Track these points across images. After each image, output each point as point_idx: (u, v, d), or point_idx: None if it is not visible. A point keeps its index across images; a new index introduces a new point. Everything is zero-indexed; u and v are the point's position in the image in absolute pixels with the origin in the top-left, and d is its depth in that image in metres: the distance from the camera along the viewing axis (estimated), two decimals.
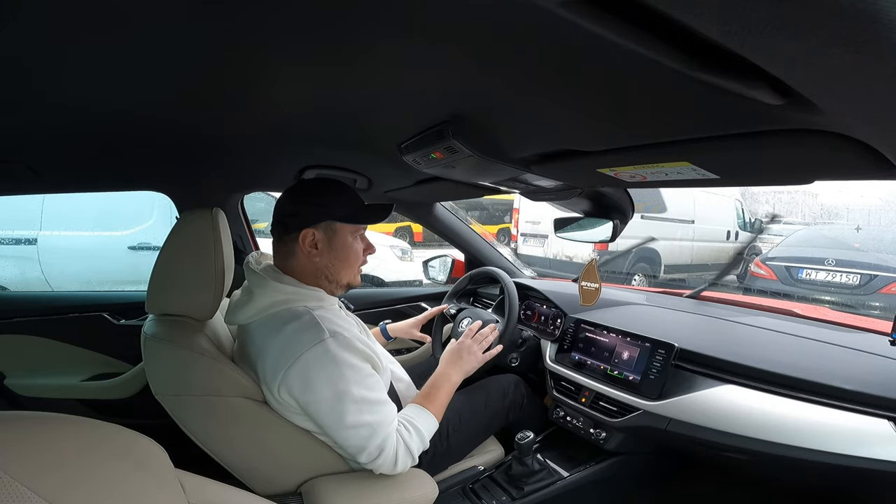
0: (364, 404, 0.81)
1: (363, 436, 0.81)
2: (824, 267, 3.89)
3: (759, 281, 4.18)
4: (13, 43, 0.48)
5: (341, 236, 0.92)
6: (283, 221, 0.91)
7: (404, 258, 4.42)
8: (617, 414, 1.10)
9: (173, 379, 0.84)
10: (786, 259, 4.12)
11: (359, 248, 0.96)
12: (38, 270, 3.19)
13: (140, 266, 3.18)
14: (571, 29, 0.30)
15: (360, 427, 0.80)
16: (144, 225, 3.32)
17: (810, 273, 3.96)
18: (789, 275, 4.05)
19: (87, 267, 3.20)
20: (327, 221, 0.90)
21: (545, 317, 1.45)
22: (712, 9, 0.24)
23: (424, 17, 0.39)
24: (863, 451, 0.77)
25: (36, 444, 0.42)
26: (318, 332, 0.81)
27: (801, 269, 3.99)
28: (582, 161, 0.73)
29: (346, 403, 0.80)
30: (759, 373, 0.92)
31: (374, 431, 0.81)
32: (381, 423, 0.82)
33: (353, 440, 0.81)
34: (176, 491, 0.53)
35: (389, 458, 0.83)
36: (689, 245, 5.84)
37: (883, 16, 0.22)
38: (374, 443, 0.81)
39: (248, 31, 0.44)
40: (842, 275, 3.80)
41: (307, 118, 0.79)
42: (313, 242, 0.89)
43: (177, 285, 0.88)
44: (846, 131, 0.43)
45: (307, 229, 0.89)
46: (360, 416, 0.80)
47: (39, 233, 3.20)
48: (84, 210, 3.23)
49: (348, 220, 0.91)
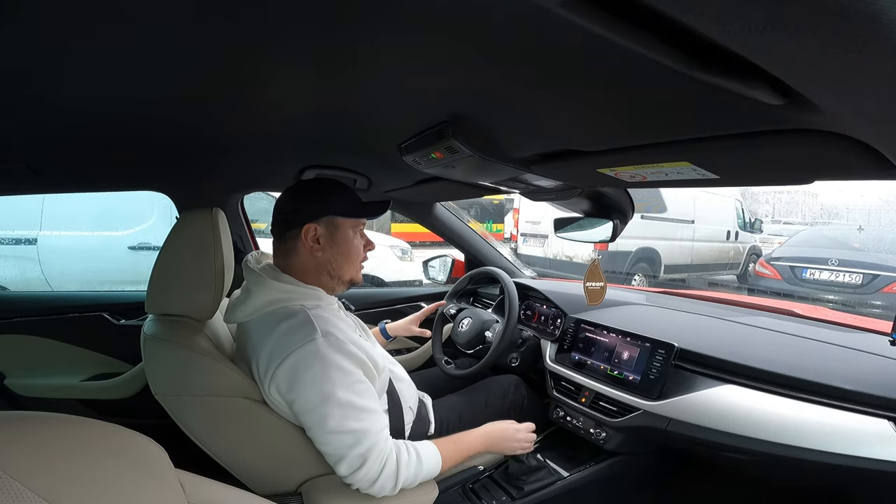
0: (350, 409, 0.79)
1: (345, 443, 0.78)
2: (828, 267, 3.99)
3: (764, 280, 4.34)
4: (13, 43, 0.48)
5: (343, 231, 0.93)
6: (285, 219, 0.91)
7: (404, 258, 4.43)
8: (617, 414, 1.10)
9: (173, 379, 0.84)
10: (790, 259, 4.25)
11: (359, 244, 0.97)
12: (39, 270, 3.20)
13: (140, 266, 3.19)
14: (571, 29, 0.30)
15: (342, 433, 0.78)
16: (144, 225, 3.33)
17: (814, 273, 4.08)
18: (794, 274, 4.19)
19: (86, 267, 3.20)
20: (329, 216, 0.91)
21: (545, 317, 1.45)
22: (712, 9, 0.24)
23: (424, 17, 0.39)
24: (863, 451, 0.77)
25: (35, 444, 0.43)
26: (309, 330, 0.81)
27: (805, 269, 4.12)
28: (582, 161, 0.73)
29: (330, 406, 0.77)
30: (759, 373, 0.92)
31: (357, 440, 0.78)
32: (367, 432, 0.79)
33: (334, 447, 0.78)
34: (176, 491, 0.53)
35: (372, 472, 0.79)
36: (689, 245, 5.85)
37: (883, 16, 0.22)
38: (355, 451, 0.78)
39: (247, 30, 0.44)
40: (845, 274, 3.90)
41: (307, 118, 0.79)
42: (315, 237, 0.90)
43: (176, 285, 0.88)
44: (846, 131, 0.43)
45: (309, 224, 0.89)
46: (343, 421, 0.78)
47: (39, 233, 3.20)
48: (84, 210, 3.24)
49: (349, 214, 0.93)
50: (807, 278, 4.13)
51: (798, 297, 3.80)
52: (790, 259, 4.30)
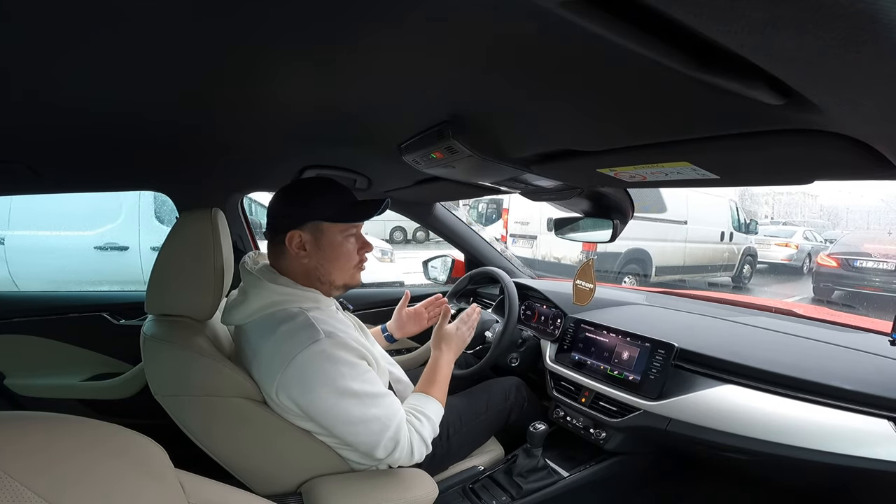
0: (367, 398, 0.81)
1: (375, 430, 0.80)
2: (871, 258, 5.75)
3: (826, 270, 6.04)
4: (13, 43, 0.48)
5: (329, 236, 0.89)
6: (272, 223, 0.91)
7: (384, 259, 4.40)
8: (617, 414, 1.10)
9: (172, 379, 0.84)
10: (844, 254, 6.01)
11: (350, 248, 0.92)
12: (6, 270, 3.20)
13: (105, 266, 3.20)
14: (571, 29, 0.30)
15: (369, 422, 0.80)
16: (112, 225, 3.32)
17: (863, 262, 5.78)
18: (848, 264, 5.87)
19: (53, 267, 3.20)
20: (313, 222, 0.88)
21: (545, 317, 1.45)
22: (712, 9, 0.24)
23: (425, 17, 0.39)
24: (863, 451, 0.77)
25: (35, 444, 0.43)
26: (312, 332, 0.81)
27: (857, 260, 5.83)
28: (582, 161, 0.73)
29: (349, 399, 0.79)
30: (759, 373, 0.92)
31: (384, 425, 0.81)
32: (390, 416, 0.82)
33: (365, 436, 0.81)
34: (176, 491, 0.53)
35: (406, 450, 0.83)
36: (682, 246, 5.84)
37: (883, 16, 0.22)
38: (387, 435, 0.81)
39: (247, 30, 0.44)
40: (882, 263, 5.70)
41: (307, 118, 0.79)
42: (300, 244, 0.88)
43: (176, 286, 0.88)
44: (846, 131, 0.43)
45: (292, 231, 0.87)
46: (366, 410, 0.80)
47: (7, 232, 3.20)
48: (53, 210, 3.23)
49: (334, 219, 0.89)
50: (858, 266, 5.79)
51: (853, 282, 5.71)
52: (844, 254, 5.97)
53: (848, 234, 7.46)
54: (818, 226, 12.69)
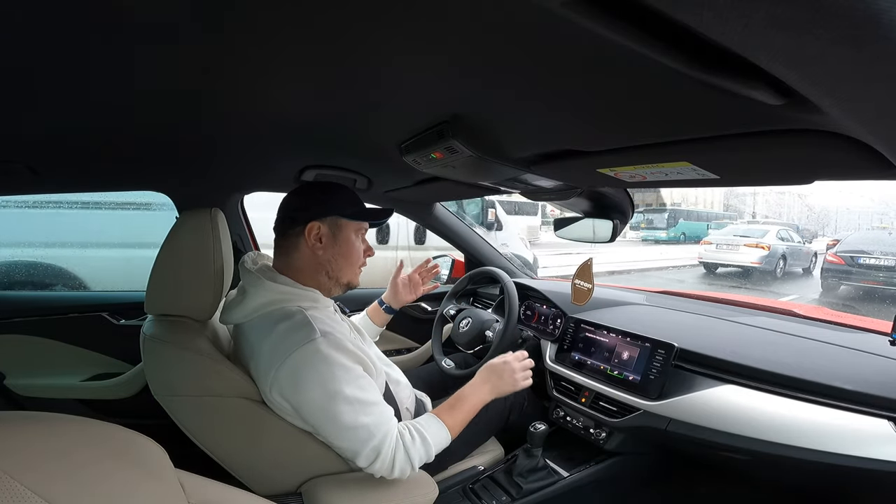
0: (358, 405, 0.80)
1: (360, 438, 0.79)
2: (873, 255, 6.29)
3: (834, 267, 6.59)
4: (13, 42, 0.48)
5: (346, 232, 0.94)
6: (290, 216, 0.93)
7: None
8: (617, 414, 1.10)
9: (172, 379, 0.84)
10: (849, 251, 6.56)
11: (360, 248, 0.98)
12: None
13: None
14: (572, 29, 0.30)
15: (357, 429, 0.79)
16: None
17: (867, 259, 6.32)
18: (853, 261, 6.41)
19: None
20: (333, 217, 0.93)
21: (545, 317, 1.45)
22: (712, 9, 0.24)
23: (425, 18, 0.39)
24: (863, 451, 0.77)
25: (35, 444, 0.43)
26: (309, 331, 0.81)
27: (860, 257, 6.38)
28: (582, 161, 0.73)
29: (339, 404, 0.78)
30: (759, 373, 0.92)
31: (370, 434, 0.80)
32: (378, 425, 0.81)
33: (350, 442, 0.80)
34: (176, 490, 0.53)
35: (387, 463, 0.81)
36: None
37: (883, 16, 0.22)
38: (370, 445, 0.80)
39: (247, 30, 0.44)
40: (884, 259, 6.23)
41: (307, 118, 0.79)
42: (318, 236, 0.91)
43: (176, 286, 0.88)
44: (846, 131, 0.43)
45: (313, 222, 0.91)
46: (356, 416, 0.79)
47: None
48: None
49: (353, 216, 0.95)
50: (862, 263, 6.33)
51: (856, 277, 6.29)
52: (849, 251, 6.52)
53: (851, 234, 7.86)
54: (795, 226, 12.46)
